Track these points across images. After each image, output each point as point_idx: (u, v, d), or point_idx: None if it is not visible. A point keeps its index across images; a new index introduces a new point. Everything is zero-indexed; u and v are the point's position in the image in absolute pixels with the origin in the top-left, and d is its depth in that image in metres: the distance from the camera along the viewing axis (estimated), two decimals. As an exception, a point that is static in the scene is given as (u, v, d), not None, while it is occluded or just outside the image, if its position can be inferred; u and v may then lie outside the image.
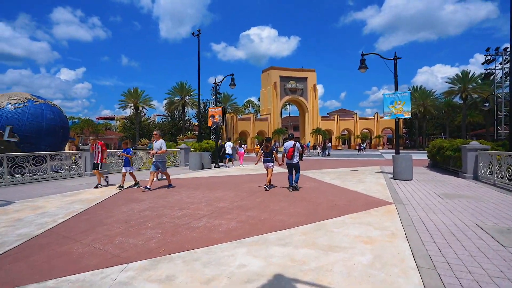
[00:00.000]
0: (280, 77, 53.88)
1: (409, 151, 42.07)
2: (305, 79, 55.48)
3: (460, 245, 3.45)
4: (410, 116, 10.93)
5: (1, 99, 13.75)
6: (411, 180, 9.34)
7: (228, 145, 18.86)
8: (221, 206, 5.85)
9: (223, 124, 14.11)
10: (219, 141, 16.09)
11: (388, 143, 63.55)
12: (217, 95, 15.71)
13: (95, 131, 58.84)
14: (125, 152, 8.35)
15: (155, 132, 8.38)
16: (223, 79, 15.44)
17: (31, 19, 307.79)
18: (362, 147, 34.10)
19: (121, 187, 8.12)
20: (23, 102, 17.14)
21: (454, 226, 4.23)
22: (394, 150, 11.54)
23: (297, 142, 7.44)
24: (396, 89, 11.14)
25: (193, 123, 51.22)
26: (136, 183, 8.44)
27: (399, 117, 11.05)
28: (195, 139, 26.48)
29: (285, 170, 8.54)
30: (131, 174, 8.45)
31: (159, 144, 7.90)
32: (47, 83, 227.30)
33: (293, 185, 7.47)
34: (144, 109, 49.61)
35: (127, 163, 8.33)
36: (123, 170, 8.39)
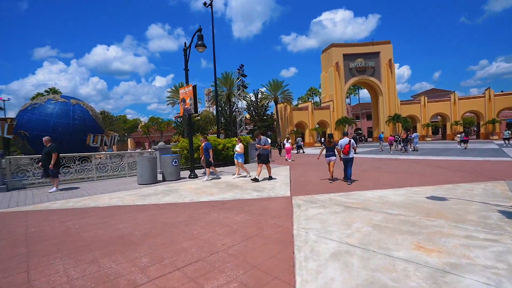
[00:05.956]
0: (344, 55, 44.01)
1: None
2: (377, 54, 43.97)
3: None
4: None
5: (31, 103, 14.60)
6: None
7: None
8: None
9: (195, 112, 8.37)
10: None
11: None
12: (187, 69, 10.12)
13: (158, 128, 62.12)
14: None
15: None
16: (191, 41, 9.65)
17: (133, 39, 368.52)
18: (461, 137, 22.43)
19: None
20: (39, 102, 15.85)
21: None
22: None
23: (351, 139, 8.11)
24: None
25: (244, 116, 46.94)
26: None
27: None
28: (216, 134, 21.70)
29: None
30: None
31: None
32: (146, 91, 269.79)
33: (349, 180, 7.82)
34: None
35: None
36: None
